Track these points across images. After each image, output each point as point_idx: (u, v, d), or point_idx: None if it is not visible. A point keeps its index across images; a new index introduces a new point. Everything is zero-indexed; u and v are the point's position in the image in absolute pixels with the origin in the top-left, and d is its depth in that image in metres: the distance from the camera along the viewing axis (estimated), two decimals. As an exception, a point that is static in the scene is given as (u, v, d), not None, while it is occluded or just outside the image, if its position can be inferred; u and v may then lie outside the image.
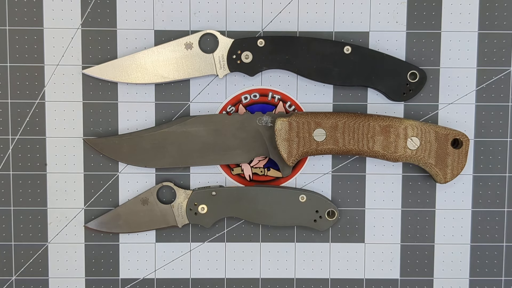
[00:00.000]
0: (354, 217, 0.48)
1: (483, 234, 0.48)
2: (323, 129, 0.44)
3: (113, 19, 0.46)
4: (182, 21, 0.46)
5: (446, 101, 0.47)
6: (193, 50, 0.46)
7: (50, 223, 0.47)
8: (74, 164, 0.47)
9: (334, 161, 0.47)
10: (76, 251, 0.47)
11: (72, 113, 0.47)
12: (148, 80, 0.46)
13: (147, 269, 0.48)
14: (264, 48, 0.45)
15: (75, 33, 0.46)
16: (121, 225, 0.46)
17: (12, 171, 0.47)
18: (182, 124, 0.45)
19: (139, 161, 0.46)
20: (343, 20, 0.46)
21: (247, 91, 0.47)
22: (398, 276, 0.48)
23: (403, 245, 0.48)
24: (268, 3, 0.46)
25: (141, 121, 0.47)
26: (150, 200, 0.46)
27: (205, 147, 0.45)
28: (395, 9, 0.46)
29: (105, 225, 0.46)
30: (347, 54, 0.45)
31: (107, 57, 0.46)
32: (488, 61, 0.47)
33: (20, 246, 0.47)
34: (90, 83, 0.46)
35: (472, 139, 0.47)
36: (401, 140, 0.44)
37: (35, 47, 0.46)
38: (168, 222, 0.46)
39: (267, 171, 0.47)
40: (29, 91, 0.46)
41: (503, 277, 0.48)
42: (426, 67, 0.47)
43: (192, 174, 0.47)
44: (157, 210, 0.46)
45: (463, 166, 0.45)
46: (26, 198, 0.47)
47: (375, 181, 0.47)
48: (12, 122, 0.46)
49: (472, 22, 0.47)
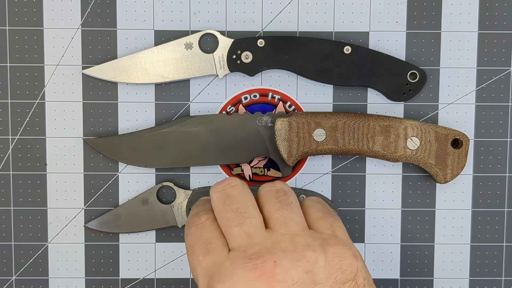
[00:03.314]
0: (354, 217, 0.48)
1: (483, 234, 0.48)
2: (323, 129, 0.44)
3: (113, 19, 0.46)
4: (182, 21, 0.46)
5: (446, 101, 0.47)
6: (193, 50, 0.46)
7: (50, 223, 0.47)
8: (74, 164, 0.47)
9: (334, 161, 0.47)
10: (76, 251, 0.47)
11: (72, 113, 0.47)
12: (148, 80, 0.46)
13: (147, 269, 0.48)
14: (264, 48, 0.45)
15: (75, 33, 0.46)
16: (121, 225, 0.46)
17: (12, 171, 0.47)
18: (182, 124, 0.45)
19: (139, 161, 0.46)
20: (343, 20, 0.46)
21: (247, 91, 0.47)
22: (398, 276, 0.48)
23: (403, 245, 0.48)
24: (268, 3, 0.46)
25: (141, 121, 0.47)
26: (150, 200, 0.46)
27: (205, 147, 0.45)
28: (395, 9, 0.46)
29: (105, 225, 0.46)
30: (347, 54, 0.45)
31: (107, 57, 0.46)
32: (488, 61, 0.47)
33: (20, 246, 0.47)
34: (90, 83, 0.46)
35: (472, 139, 0.47)
36: (401, 140, 0.44)
37: (35, 47, 0.46)
38: (168, 222, 0.46)
39: (267, 171, 0.47)
40: (29, 91, 0.46)
41: (503, 277, 0.48)
42: (426, 67, 0.47)
43: (192, 174, 0.47)
44: (157, 210, 0.46)
45: (463, 166, 0.45)
46: (26, 198, 0.47)
47: (375, 181, 0.47)
48: (12, 122, 0.46)
49: (472, 22, 0.47)
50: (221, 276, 0.32)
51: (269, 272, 0.32)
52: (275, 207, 0.35)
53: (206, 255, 0.34)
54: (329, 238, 0.34)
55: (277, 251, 0.33)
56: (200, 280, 0.34)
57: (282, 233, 0.34)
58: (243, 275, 0.32)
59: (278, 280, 0.32)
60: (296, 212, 0.35)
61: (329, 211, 0.37)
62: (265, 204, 0.36)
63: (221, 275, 0.32)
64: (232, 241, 0.34)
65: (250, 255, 0.33)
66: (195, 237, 0.35)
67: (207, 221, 0.36)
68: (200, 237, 0.35)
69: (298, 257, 0.32)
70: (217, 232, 0.35)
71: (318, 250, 0.33)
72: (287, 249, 0.33)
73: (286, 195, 0.36)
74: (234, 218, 0.34)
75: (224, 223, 0.35)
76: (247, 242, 0.33)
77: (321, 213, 0.36)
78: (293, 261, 0.32)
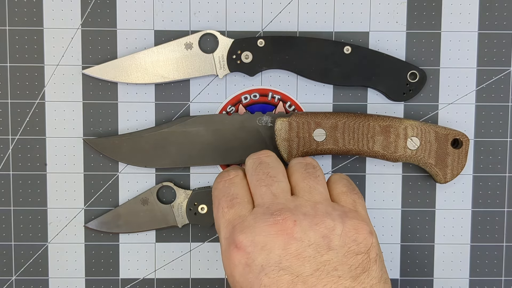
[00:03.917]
0: (354, 217, 0.48)
1: (483, 234, 0.48)
2: (323, 129, 0.44)
3: (113, 19, 0.46)
4: (182, 21, 0.46)
5: (446, 101, 0.47)
6: (193, 50, 0.46)
7: (50, 223, 0.47)
8: (74, 164, 0.47)
9: (334, 161, 0.47)
10: (76, 251, 0.47)
11: (72, 113, 0.47)
12: (148, 80, 0.46)
13: (147, 269, 0.48)
14: (264, 48, 0.45)
15: (75, 33, 0.46)
16: (121, 225, 0.46)
17: (12, 171, 0.47)
18: (182, 124, 0.45)
19: (139, 161, 0.46)
20: (343, 20, 0.46)
21: (247, 91, 0.47)
22: (398, 276, 0.48)
23: (403, 245, 0.48)
24: (268, 3, 0.46)
25: (141, 121, 0.47)
26: (150, 200, 0.46)
27: (205, 147, 0.45)
28: (395, 9, 0.46)
29: (105, 225, 0.46)
30: (347, 54, 0.45)
31: (107, 57, 0.46)
32: (488, 61, 0.47)
33: (20, 246, 0.47)
34: (90, 83, 0.46)
35: (472, 139, 0.47)
36: (401, 140, 0.44)
37: (35, 47, 0.46)
38: (168, 222, 0.46)
39: (267, 171, 0.47)
40: (29, 91, 0.46)
41: (503, 277, 0.48)
42: (426, 67, 0.47)
43: (192, 174, 0.47)
44: (157, 210, 0.46)
45: (463, 166, 0.45)
46: (26, 198, 0.47)
47: (375, 181, 0.47)
48: (12, 122, 0.46)
49: (472, 22, 0.47)
50: (243, 227, 0.35)
51: (288, 229, 0.34)
52: (303, 176, 0.37)
53: (231, 208, 0.36)
54: (349, 212, 0.36)
55: (298, 213, 0.35)
56: (222, 230, 0.37)
57: (305, 199, 0.36)
58: (264, 228, 0.34)
59: (296, 238, 0.34)
60: (321, 183, 0.38)
61: (354, 188, 0.39)
62: (293, 174, 0.38)
63: (243, 226, 0.35)
64: (258, 198, 0.36)
65: (273, 211, 0.35)
66: (222, 191, 0.38)
67: (236, 177, 0.38)
68: (228, 191, 0.37)
69: (317, 221, 0.35)
70: (245, 189, 0.38)
71: (337, 219, 0.35)
72: (308, 213, 0.35)
73: (314, 168, 0.38)
74: (264, 179, 0.37)
75: (253, 183, 0.37)
76: (272, 201, 0.36)
77: (346, 188, 0.38)
78: (312, 224, 0.34)
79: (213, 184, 0.39)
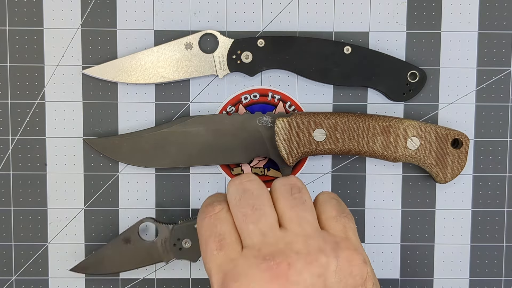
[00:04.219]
0: (354, 217, 0.47)
1: (483, 234, 0.48)
2: (323, 129, 0.44)
3: (113, 19, 0.46)
4: (182, 21, 0.46)
5: (446, 101, 0.47)
6: (193, 50, 0.46)
7: (50, 223, 0.47)
8: (74, 164, 0.47)
9: (334, 161, 0.47)
10: (76, 251, 0.47)
11: (72, 113, 0.47)
12: (148, 80, 0.46)
13: (147, 269, 0.48)
14: (264, 48, 0.45)
15: (75, 33, 0.46)
16: (106, 266, 0.45)
17: (12, 171, 0.47)
18: (182, 124, 0.45)
19: (139, 161, 0.46)
20: (343, 20, 0.46)
21: (247, 91, 0.47)
22: (398, 276, 0.48)
23: (403, 245, 0.48)
24: (268, 3, 0.46)
25: (141, 121, 0.47)
26: (132, 238, 0.45)
27: (205, 147, 0.45)
28: (395, 9, 0.46)
29: (90, 267, 0.45)
30: (347, 54, 0.45)
31: (107, 57, 0.46)
32: (488, 61, 0.47)
33: (20, 246, 0.47)
34: (90, 83, 0.46)
35: (472, 139, 0.47)
36: (401, 140, 0.44)
37: (35, 47, 0.46)
38: (154, 259, 0.45)
39: (267, 171, 0.47)
40: (29, 91, 0.46)
41: (503, 277, 0.48)
42: (426, 67, 0.47)
43: (192, 174, 0.47)
44: (141, 248, 0.45)
45: (463, 166, 0.45)
46: (26, 198, 0.47)
47: (375, 181, 0.47)
48: (12, 122, 0.46)
49: (472, 22, 0.47)
50: (236, 275, 0.33)
51: (283, 274, 0.32)
52: (290, 204, 0.35)
53: (220, 250, 0.35)
54: (341, 241, 0.35)
55: (290, 252, 0.33)
56: (213, 276, 0.35)
57: (295, 233, 0.34)
58: (258, 275, 0.33)
59: (292, 281, 0.32)
60: (309, 210, 0.36)
61: (344, 210, 0.37)
62: (279, 199, 0.36)
63: (236, 273, 0.33)
64: (246, 238, 0.35)
65: (265, 255, 0.33)
66: (209, 229, 0.36)
67: (221, 212, 0.36)
68: (214, 229, 0.35)
69: (311, 259, 0.33)
70: (231, 226, 0.35)
71: (330, 254, 0.34)
72: (301, 251, 0.33)
73: (300, 192, 0.36)
74: (250, 215, 0.35)
75: (239, 218, 0.35)
76: (262, 241, 0.34)
77: (335, 212, 0.37)
78: (306, 264, 0.33)
79: (198, 219, 0.37)
